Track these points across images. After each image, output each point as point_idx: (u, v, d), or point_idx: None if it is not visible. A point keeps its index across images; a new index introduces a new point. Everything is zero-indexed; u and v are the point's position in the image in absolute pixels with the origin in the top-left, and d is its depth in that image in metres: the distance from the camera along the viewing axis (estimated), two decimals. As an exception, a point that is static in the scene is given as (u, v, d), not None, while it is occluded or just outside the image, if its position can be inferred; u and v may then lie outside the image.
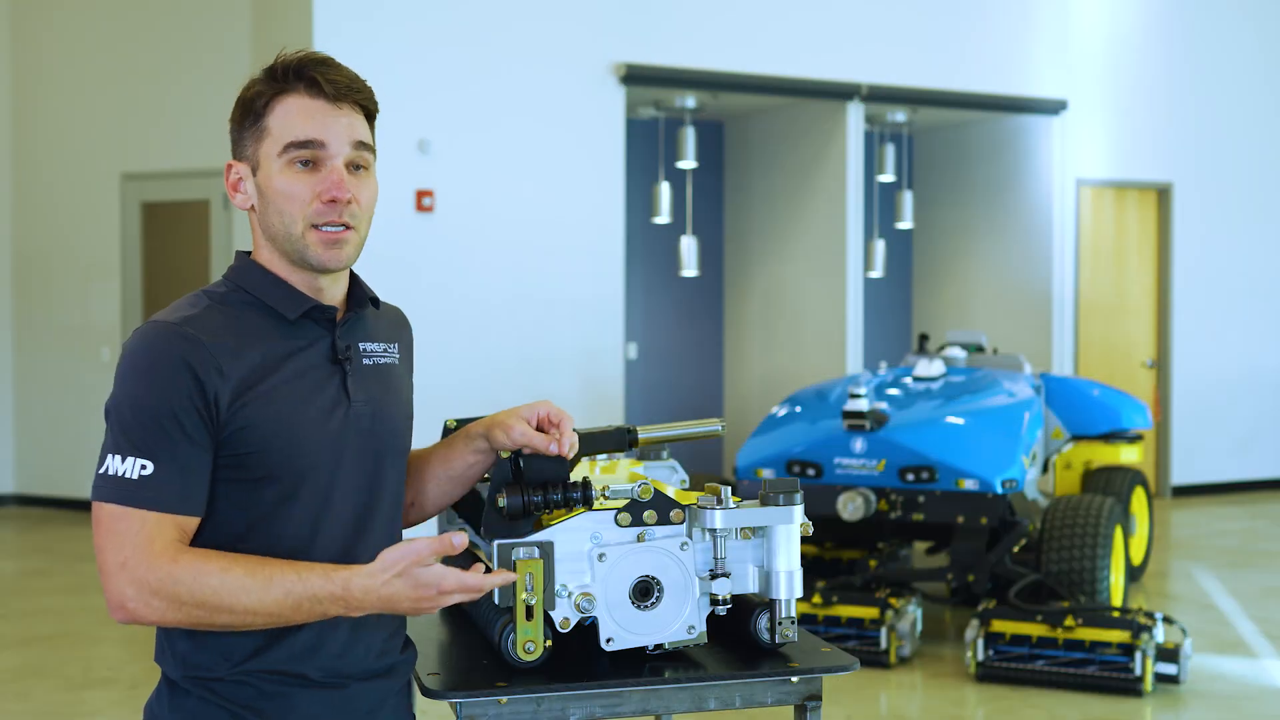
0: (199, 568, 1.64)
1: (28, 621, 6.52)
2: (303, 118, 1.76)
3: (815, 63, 9.06)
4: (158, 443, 1.67)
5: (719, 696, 1.88)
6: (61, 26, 9.70)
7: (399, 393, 1.90)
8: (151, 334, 1.72)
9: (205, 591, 1.64)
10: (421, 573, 1.64)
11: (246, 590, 1.64)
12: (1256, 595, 7.04)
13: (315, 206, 1.77)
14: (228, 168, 1.83)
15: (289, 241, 1.78)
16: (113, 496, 1.67)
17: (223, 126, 2.02)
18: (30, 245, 9.87)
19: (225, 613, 1.65)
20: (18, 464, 9.96)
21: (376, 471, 1.83)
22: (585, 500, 1.88)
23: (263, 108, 1.78)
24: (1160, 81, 10.32)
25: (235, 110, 1.82)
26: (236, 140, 1.83)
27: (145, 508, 1.66)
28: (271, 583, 1.64)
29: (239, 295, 1.80)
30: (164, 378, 1.68)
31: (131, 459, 1.67)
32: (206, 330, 1.72)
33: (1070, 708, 5.07)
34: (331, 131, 1.77)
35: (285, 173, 1.77)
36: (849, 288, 9.26)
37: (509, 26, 8.21)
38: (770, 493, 1.87)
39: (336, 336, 1.82)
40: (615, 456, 2.32)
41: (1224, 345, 10.65)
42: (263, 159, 1.79)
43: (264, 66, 1.81)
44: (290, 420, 1.74)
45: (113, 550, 1.66)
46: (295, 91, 1.77)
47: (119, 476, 1.67)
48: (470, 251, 8.09)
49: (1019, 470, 6.03)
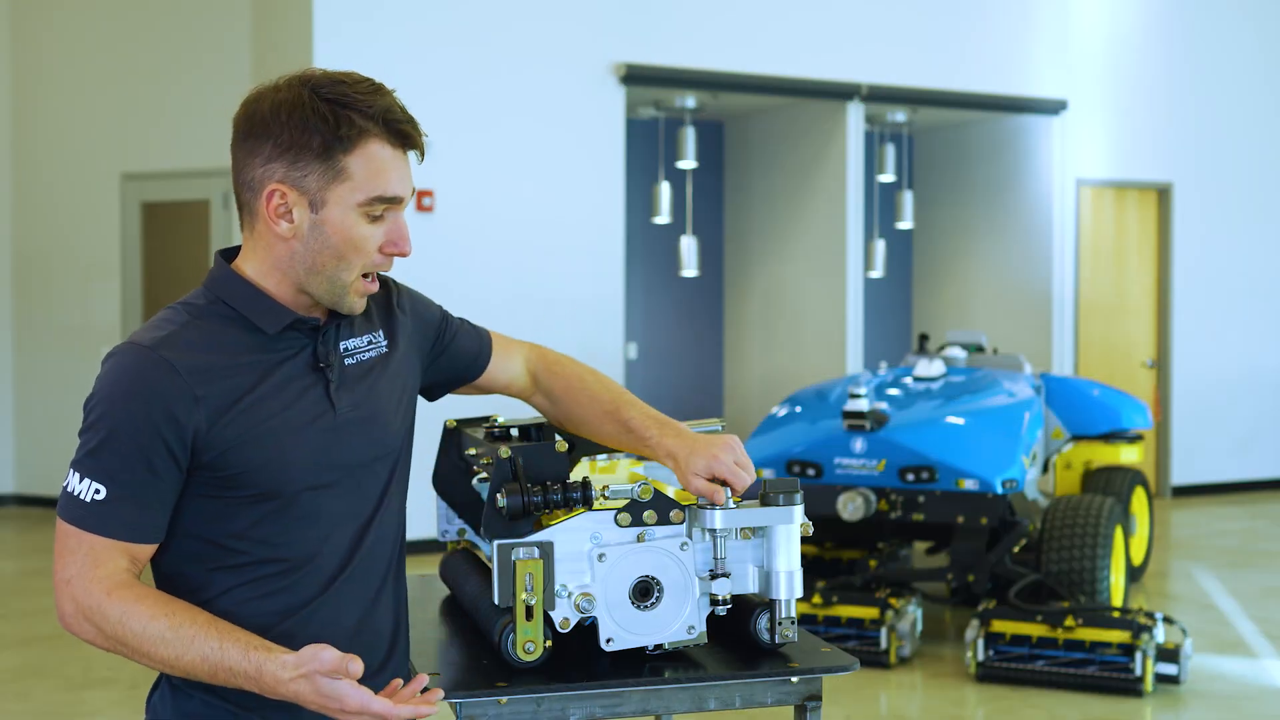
0: (126, 610, 1.63)
1: (28, 621, 6.52)
2: (388, 169, 1.72)
3: (815, 63, 9.06)
4: (116, 471, 1.66)
5: (719, 696, 1.88)
6: (61, 26, 9.70)
7: (389, 387, 1.87)
8: (128, 359, 1.69)
9: (126, 634, 1.63)
10: (324, 683, 1.57)
11: (166, 644, 1.62)
12: (1256, 595, 7.04)
13: (376, 258, 1.75)
14: (272, 191, 1.71)
15: (333, 286, 1.74)
16: (66, 514, 1.67)
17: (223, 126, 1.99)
18: (30, 245, 9.86)
19: (144, 657, 1.64)
20: (18, 464, 9.96)
21: (372, 475, 1.82)
22: (585, 500, 1.88)
23: (344, 148, 1.69)
24: (1160, 81, 10.32)
25: (292, 134, 1.69)
26: (292, 164, 1.70)
27: (93, 532, 1.66)
28: (192, 644, 1.62)
29: (218, 309, 1.76)
30: (133, 410, 1.66)
31: (88, 481, 1.66)
32: (183, 353, 1.69)
33: (1070, 708, 5.06)
34: (408, 186, 1.75)
35: (361, 223, 1.73)
36: (849, 288, 9.26)
37: (509, 26, 8.22)
38: (770, 493, 1.87)
39: (317, 344, 1.79)
40: (615, 456, 2.31)
41: (1224, 345, 10.65)
42: (332, 201, 1.71)
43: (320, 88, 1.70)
44: (274, 436, 1.71)
45: (61, 565, 1.67)
46: (377, 137, 1.71)
47: (74, 495, 1.66)
48: (470, 251, 8.10)
49: (1019, 470, 6.03)
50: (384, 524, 1.85)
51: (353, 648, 1.78)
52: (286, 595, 1.75)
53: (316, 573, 1.77)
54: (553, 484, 1.88)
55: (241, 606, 1.73)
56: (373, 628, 1.83)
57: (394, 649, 1.88)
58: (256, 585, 1.74)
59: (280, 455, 1.72)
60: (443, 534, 2.39)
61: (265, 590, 1.74)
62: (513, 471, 1.88)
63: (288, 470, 1.72)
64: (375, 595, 1.83)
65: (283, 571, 1.75)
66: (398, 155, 1.73)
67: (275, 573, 1.74)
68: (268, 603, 1.74)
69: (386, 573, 1.86)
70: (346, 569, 1.79)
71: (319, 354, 1.78)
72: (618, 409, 2.03)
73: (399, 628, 1.90)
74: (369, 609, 1.83)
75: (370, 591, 1.82)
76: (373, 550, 1.82)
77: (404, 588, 1.92)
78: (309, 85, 1.71)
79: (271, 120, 1.70)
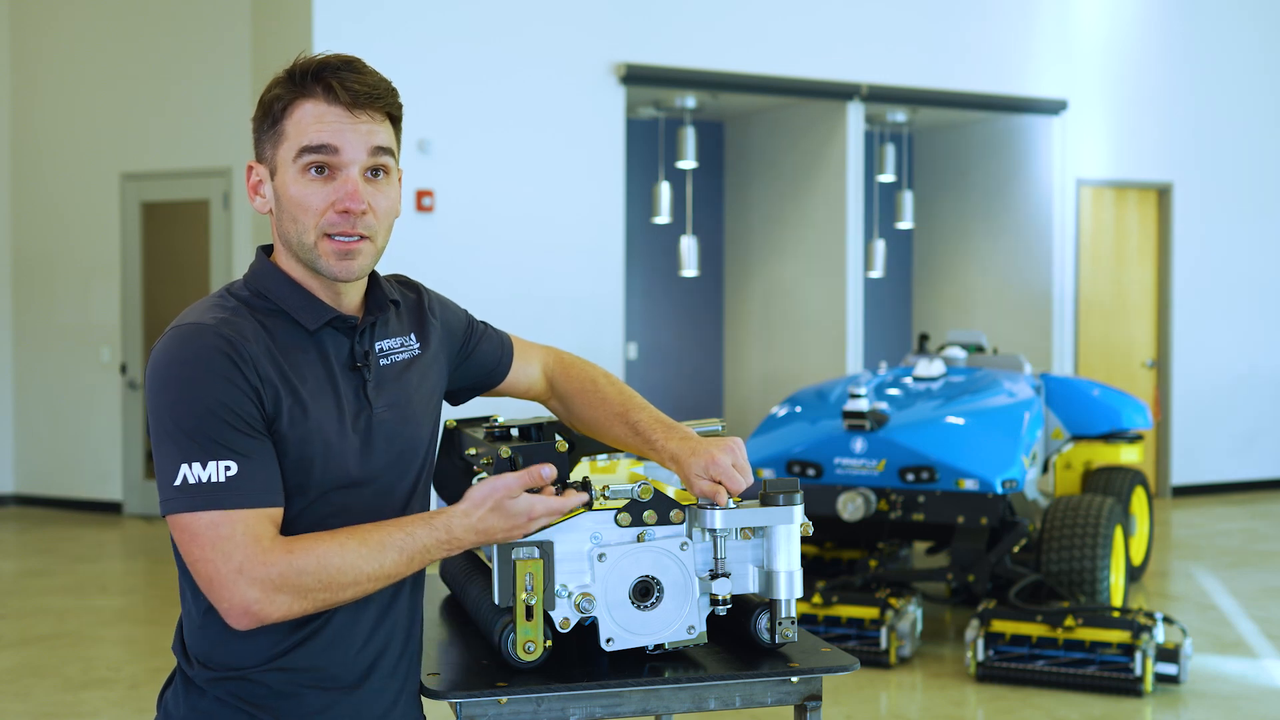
0: (318, 552, 1.64)
1: (28, 621, 6.52)
2: (318, 123, 1.72)
3: (815, 63, 9.06)
4: (233, 442, 1.64)
5: (719, 696, 1.88)
6: (61, 26, 9.70)
7: (420, 388, 1.89)
8: (191, 335, 1.68)
9: (330, 572, 1.64)
10: (511, 504, 1.71)
11: (366, 559, 1.66)
12: (1256, 595, 7.04)
13: (329, 216, 1.74)
14: (249, 169, 1.80)
15: (303, 250, 1.76)
16: (205, 504, 1.62)
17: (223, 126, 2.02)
18: (30, 245, 9.87)
19: (350, 587, 1.66)
20: (18, 464, 9.96)
21: (399, 472, 1.83)
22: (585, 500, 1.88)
23: (281, 111, 1.75)
24: (1160, 81, 10.32)
25: (256, 111, 1.78)
26: (257, 141, 1.79)
27: (242, 507, 1.63)
28: (385, 547, 1.67)
29: (261, 302, 1.77)
30: (217, 376, 1.65)
31: (213, 463, 1.63)
32: (244, 339, 1.70)
33: (1070, 708, 5.07)
34: (347, 138, 1.73)
35: (299, 180, 1.74)
36: (849, 288, 9.27)
37: (509, 26, 8.22)
38: (770, 493, 1.87)
39: (355, 343, 1.81)
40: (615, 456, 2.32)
41: (1224, 345, 10.65)
42: (280, 164, 1.75)
43: (287, 67, 1.77)
44: (317, 433, 1.72)
45: (222, 558, 1.62)
46: (313, 96, 1.73)
47: (204, 483, 1.62)
48: (470, 251, 8.10)
49: (1019, 470, 6.03)
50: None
51: (368, 646, 1.79)
52: None
53: None
54: (552, 484, 1.88)
55: None
56: (389, 626, 1.84)
57: (407, 647, 1.88)
58: None
59: (318, 452, 1.73)
60: (443, 534, 2.39)
61: None
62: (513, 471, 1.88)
63: (324, 467, 1.73)
64: (393, 597, 1.84)
65: None
66: (333, 110, 1.73)
67: None
68: None
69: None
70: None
71: (355, 353, 1.80)
72: (627, 411, 2.04)
73: (413, 626, 1.90)
74: (386, 610, 1.83)
75: (389, 593, 1.83)
76: None
77: (421, 591, 1.93)
78: (287, 68, 1.77)
79: (256, 106, 1.79)
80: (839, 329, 9.31)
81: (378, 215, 1.77)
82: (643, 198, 9.70)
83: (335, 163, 1.73)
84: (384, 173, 1.78)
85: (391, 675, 1.84)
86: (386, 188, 1.78)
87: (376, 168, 1.77)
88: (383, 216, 1.78)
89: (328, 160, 1.73)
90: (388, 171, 1.78)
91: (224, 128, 9.03)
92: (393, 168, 1.79)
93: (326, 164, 1.73)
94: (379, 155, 1.76)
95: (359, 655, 1.79)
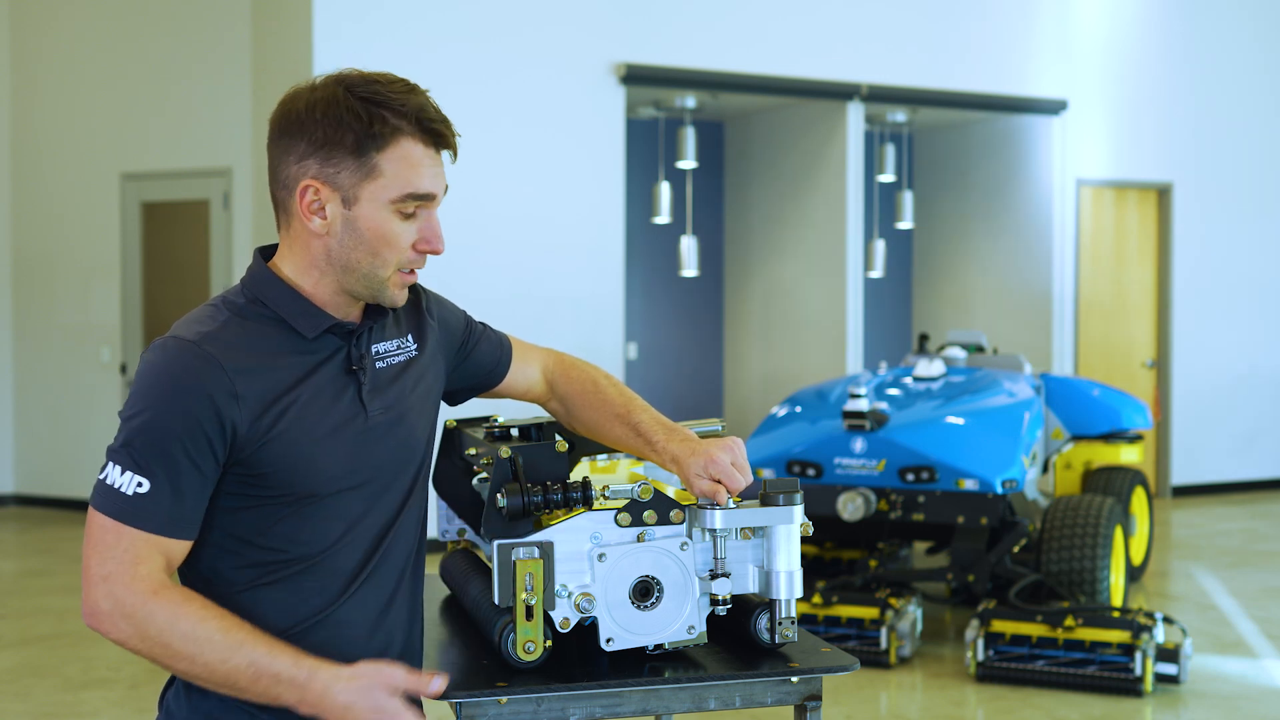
0: (176, 612, 1.62)
1: (28, 621, 6.52)
2: (420, 169, 1.74)
3: (815, 63, 9.06)
4: (159, 464, 1.65)
5: (719, 696, 1.88)
6: (61, 26, 9.70)
7: (415, 391, 1.89)
8: (172, 351, 1.69)
9: (173, 636, 1.62)
10: (383, 697, 1.63)
11: (215, 647, 1.62)
12: (1256, 595, 7.04)
13: (410, 254, 1.77)
14: (305, 188, 1.73)
15: (369, 281, 1.77)
16: (106, 508, 1.65)
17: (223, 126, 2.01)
18: (30, 245, 9.87)
19: (185, 661, 1.63)
20: (18, 464, 9.96)
21: (397, 480, 1.83)
22: (585, 500, 1.88)
23: (377, 146, 1.72)
24: (1160, 81, 10.32)
25: (326, 130, 1.71)
26: (324, 161, 1.72)
27: (135, 526, 1.64)
28: (240, 649, 1.62)
29: (257, 309, 1.77)
30: (179, 402, 1.66)
31: (130, 474, 1.65)
32: (225, 349, 1.70)
33: (1070, 708, 5.07)
34: (441, 184, 1.77)
35: (393, 219, 1.74)
36: (849, 288, 9.27)
37: (509, 27, 8.22)
38: (770, 493, 1.87)
39: (351, 347, 1.81)
40: (615, 456, 2.32)
41: (1224, 345, 10.65)
42: (365, 197, 1.73)
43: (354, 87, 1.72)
44: (309, 438, 1.73)
45: (98, 560, 1.65)
46: (412, 136, 1.74)
47: (115, 489, 1.65)
48: (470, 251, 8.10)
49: (1019, 470, 6.03)
50: (404, 527, 1.85)
51: (366, 650, 1.79)
52: (305, 594, 1.75)
53: (336, 574, 1.77)
54: (553, 484, 1.88)
55: (260, 604, 1.73)
56: (386, 630, 1.83)
57: (408, 648, 1.88)
58: (277, 585, 1.74)
59: (313, 456, 1.73)
60: (443, 534, 2.39)
61: (285, 589, 1.75)
62: (513, 471, 1.88)
63: (319, 471, 1.73)
64: (390, 598, 1.84)
65: (302, 571, 1.75)
66: (430, 154, 1.75)
67: (296, 572, 1.75)
68: (286, 601, 1.75)
69: (402, 576, 1.86)
70: (365, 570, 1.80)
71: (352, 356, 1.80)
72: (629, 412, 2.05)
73: (413, 631, 1.90)
74: (384, 611, 1.83)
75: (386, 594, 1.83)
76: (391, 553, 1.83)
77: (420, 591, 1.93)
78: (344, 84, 1.73)
79: (306, 118, 1.72)
80: (839, 329, 9.31)
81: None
82: (643, 198, 9.70)
83: (427, 206, 1.77)
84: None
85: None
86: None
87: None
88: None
89: (425, 205, 1.77)
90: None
91: (224, 128, 9.03)
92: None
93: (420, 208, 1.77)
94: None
95: (358, 654, 1.79)
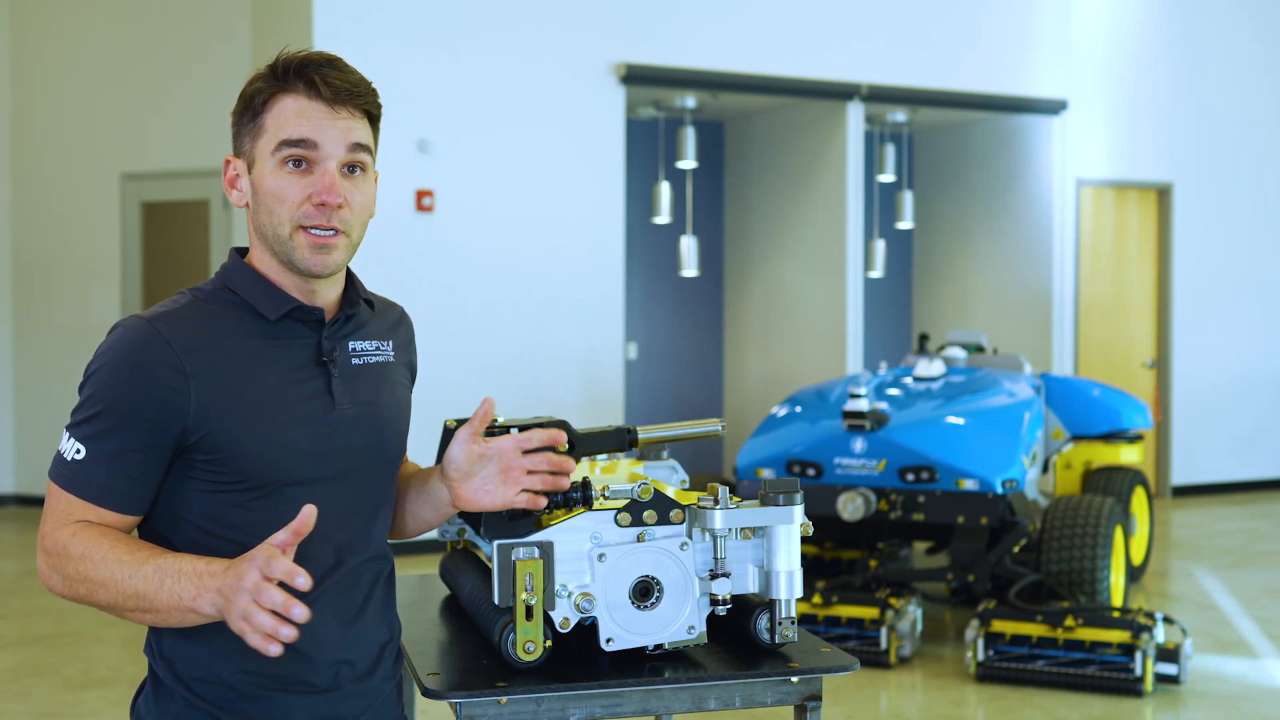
0: (89, 543, 1.65)
1: (28, 621, 6.52)
2: (298, 118, 1.74)
3: (815, 63, 9.06)
4: (96, 435, 1.68)
5: (719, 696, 1.88)
6: (61, 26, 9.70)
7: (392, 393, 1.88)
8: (126, 330, 1.72)
9: (88, 565, 1.64)
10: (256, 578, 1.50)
11: (123, 565, 1.62)
12: (1256, 595, 7.04)
13: (305, 209, 1.75)
14: (226, 163, 1.82)
15: (277, 242, 1.77)
16: (52, 473, 1.72)
17: (223, 126, 2.02)
18: (30, 245, 9.87)
19: (103, 589, 1.63)
20: (18, 464, 9.96)
21: (365, 475, 1.82)
22: (585, 500, 1.88)
23: (261, 105, 1.76)
24: (1160, 81, 10.32)
25: (236, 105, 1.80)
26: (236, 135, 1.81)
27: (71, 492, 1.69)
28: (148, 561, 1.61)
29: (225, 295, 1.79)
30: (123, 379, 1.68)
31: (74, 442, 1.70)
32: (179, 329, 1.72)
33: (1070, 708, 5.06)
34: (326, 133, 1.75)
35: (277, 172, 1.75)
36: (849, 288, 9.26)
37: (509, 26, 8.22)
38: (770, 493, 1.87)
39: (323, 338, 1.80)
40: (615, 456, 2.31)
41: (1224, 345, 10.65)
42: (258, 156, 1.77)
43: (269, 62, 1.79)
44: (269, 423, 1.72)
45: (42, 523, 1.71)
46: (294, 91, 1.75)
47: (60, 455, 1.71)
48: (470, 251, 8.10)
49: (1019, 470, 6.03)
50: (373, 525, 1.84)
51: (332, 654, 1.77)
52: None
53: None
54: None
55: None
56: (353, 638, 1.81)
57: (378, 665, 1.86)
58: None
59: (274, 442, 1.72)
60: (442, 534, 2.39)
61: None
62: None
63: (279, 458, 1.73)
64: (361, 607, 1.82)
65: None
66: (315, 106, 1.75)
67: None
68: None
69: (375, 583, 1.85)
70: (335, 572, 1.78)
71: (323, 348, 1.79)
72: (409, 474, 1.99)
73: (389, 643, 1.89)
74: (354, 618, 1.81)
75: (356, 602, 1.82)
76: (360, 550, 1.82)
77: (393, 605, 1.91)
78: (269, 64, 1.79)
79: (237, 100, 1.81)
80: (839, 329, 9.31)
81: (353, 210, 1.78)
82: (643, 198, 9.70)
83: (313, 157, 1.75)
84: (361, 169, 1.79)
85: (360, 687, 1.82)
86: (363, 184, 1.80)
87: (354, 164, 1.78)
88: (358, 212, 1.79)
89: (306, 154, 1.75)
90: (365, 169, 1.80)
91: (224, 128, 8.94)
92: (370, 166, 1.81)
93: (305, 158, 1.75)
94: (357, 152, 1.77)
95: (323, 663, 1.77)
